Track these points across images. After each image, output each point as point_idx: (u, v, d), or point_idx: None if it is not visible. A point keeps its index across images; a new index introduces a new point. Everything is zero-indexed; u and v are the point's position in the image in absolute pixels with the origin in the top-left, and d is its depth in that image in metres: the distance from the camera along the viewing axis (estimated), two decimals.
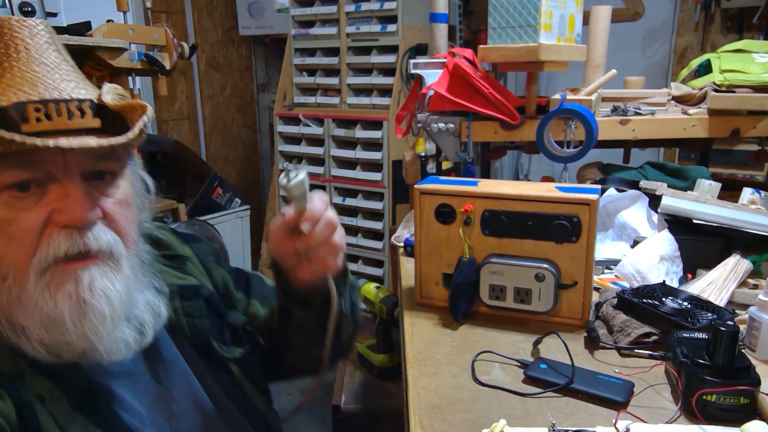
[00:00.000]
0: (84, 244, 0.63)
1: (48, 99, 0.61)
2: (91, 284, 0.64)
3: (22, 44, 0.63)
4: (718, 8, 3.08)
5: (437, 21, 1.65)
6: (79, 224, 0.63)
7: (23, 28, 0.64)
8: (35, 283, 0.62)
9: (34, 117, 0.60)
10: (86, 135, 0.63)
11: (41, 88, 0.62)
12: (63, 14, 2.05)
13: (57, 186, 0.63)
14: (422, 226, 1.06)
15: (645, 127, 1.39)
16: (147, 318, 0.72)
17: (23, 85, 0.61)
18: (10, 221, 0.61)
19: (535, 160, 3.71)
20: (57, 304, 0.62)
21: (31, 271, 0.62)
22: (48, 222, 0.62)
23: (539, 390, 0.81)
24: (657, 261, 1.11)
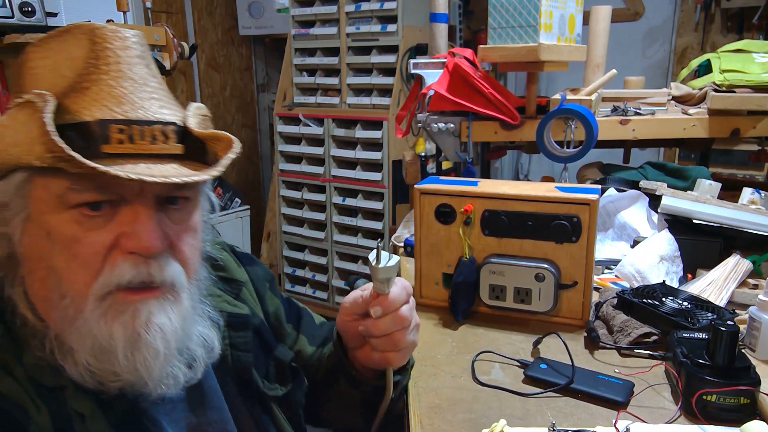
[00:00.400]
0: (148, 274, 0.61)
1: (132, 120, 0.59)
2: (149, 319, 0.61)
3: (113, 57, 0.61)
4: (718, 8, 3.09)
5: (437, 21, 1.65)
6: (146, 253, 0.60)
7: (116, 39, 0.62)
8: (93, 308, 0.60)
9: (116, 138, 0.58)
10: (167, 161, 0.61)
11: (127, 107, 0.60)
12: (63, 14, 2.05)
13: (128, 208, 0.60)
14: (422, 226, 1.06)
15: (645, 127, 1.39)
16: (199, 352, 0.69)
17: (109, 101, 0.59)
18: (77, 240, 0.59)
19: (535, 160, 3.71)
20: (112, 334, 0.60)
21: (91, 294, 0.60)
22: (114, 245, 0.60)
23: (539, 390, 0.81)
24: (657, 261, 1.11)
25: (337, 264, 3.26)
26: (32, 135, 0.56)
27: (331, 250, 3.28)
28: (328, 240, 3.28)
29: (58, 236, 0.59)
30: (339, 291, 3.31)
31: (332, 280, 3.29)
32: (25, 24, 1.86)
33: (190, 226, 0.67)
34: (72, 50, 0.62)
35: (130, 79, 0.61)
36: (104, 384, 0.62)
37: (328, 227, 3.27)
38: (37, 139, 0.55)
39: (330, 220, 3.24)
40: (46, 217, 0.59)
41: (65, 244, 0.59)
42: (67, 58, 0.62)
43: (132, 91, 0.61)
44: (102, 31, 0.61)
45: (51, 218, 0.59)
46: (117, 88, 0.60)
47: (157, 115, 0.62)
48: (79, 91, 0.59)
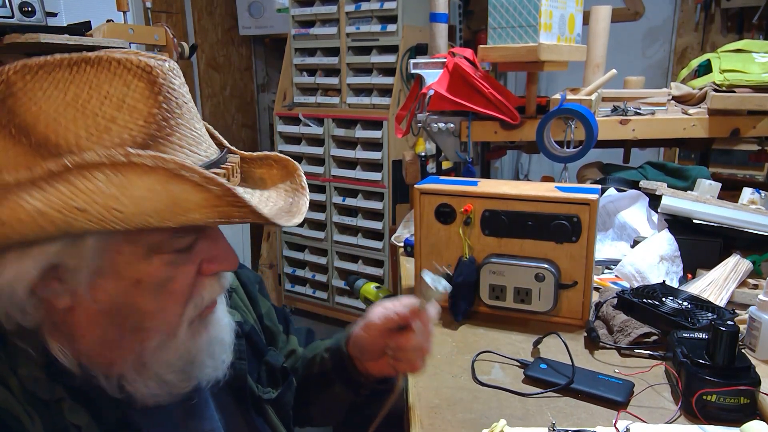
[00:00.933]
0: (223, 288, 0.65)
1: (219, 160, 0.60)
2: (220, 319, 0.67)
3: (180, 98, 0.57)
4: (718, 8, 3.08)
5: (437, 21, 1.65)
6: (232, 270, 0.64)
7: (175, 77, 0.57)
8: (186, 330, 0.62)
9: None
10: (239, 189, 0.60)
11: (204, 146, 0.59)
12: (63, 14, 2.05)
13: (203, 234, 0.62)
14: (422, 226, 1.06)
15: (645, 127, 1.39)
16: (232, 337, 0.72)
17: (191, 145, 0.57)
18: (171, 279, 0.60)
19: (535, 160, 3.71)
20: (198, 345, 0.63)
21: (184, 322, 0.62)
22: (198, 272, 0.62)
23: (539, 390, 0.81)
24: (657, 261, 1.11)
25: (337, 264, 3.26)
26: (189, 204, 0.52)
27: (331, 250, 3.28)
28: (328, 240, 3.28)
29: (151, 281, 0.58)
30: (339, 291, 3.31)
31: (332, 280, 3.29)
32: (25, 24, 1.86)
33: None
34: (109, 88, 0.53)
35: (195, 116, 0.60)
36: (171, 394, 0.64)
37: (328, 227, 3.27)
38: (199, 207, 0.52)
39: (330, 220, 3.24)
40: (133, 267, 0.57)
41: (159, 286, 0.59)
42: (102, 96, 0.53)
43: (200, 129, 0.60)
44: (160, 68, 0.56)
45: (140, 268, 0.57)
46: (193, 130, 0.58)
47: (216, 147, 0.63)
48: (162, 139, 0.54)
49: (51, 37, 1.83)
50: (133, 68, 0.54)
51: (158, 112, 0.54)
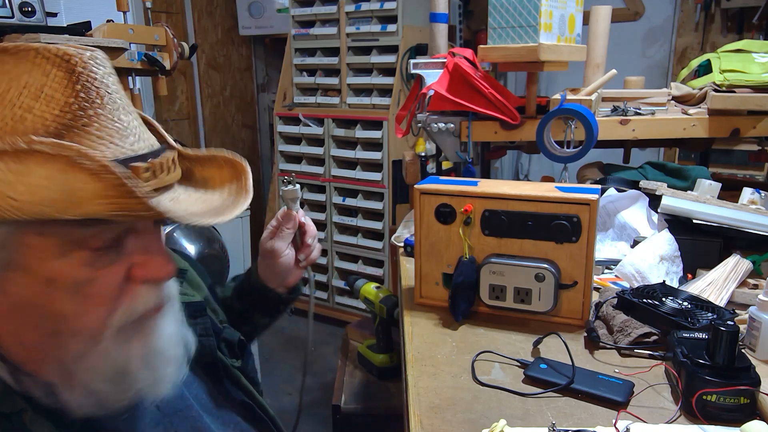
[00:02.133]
0: (161, 296, 0.61)
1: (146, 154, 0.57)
2: (161, 332, 0.62)
3: (102, 87, 0.55)
4: (718, 8, 3.08)
5: (437, 21, 1.65)
6: (165, 280, 0.61)
7: (98, 66, 0.55)
8: (111, 339, 0.58)
9: (144, 177, 0.55)
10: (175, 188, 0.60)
11: (131, 139, 0.56)
12: (63, 14, 2.05)
13: (134, 237, 0.58)
14: (422, 226, 1.06)
15: (645, 127, 1.39)
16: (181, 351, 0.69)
17: (113, 137, 0.54)
18: (91, 281, 0.56)
19: (535, 160, 3.71)
20: (130, 356, 0.60)
21: (110, 327, 0.58)
22: (128, 277, 0.58)
23: (539, 390, 0.81)
24: (657, 261, 1.11)
25: (337, 264, 3.26)
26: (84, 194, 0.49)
27: (331, 250, 3.28)
28: (328, 240, 3.28)
29: (65, 281, 0.55)
30: (339, 291, 3.31)
31: (332, 280, 3.29)
32: (25, 24, 1.86)
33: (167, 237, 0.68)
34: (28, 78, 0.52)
35: (122, 108, 0.57)
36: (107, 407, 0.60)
37: (328, 227, 3.27)
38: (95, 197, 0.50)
39: (330, 220, 3.24)
40: (46, 264, 0.54)
41: (75, 287, 0.56)
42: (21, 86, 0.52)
43: (128, 121, 0.57)
44: (79, 56, 0.54)
45: (53, 265, 0.54)
46: (116, 121, 0.55)
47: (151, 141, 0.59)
48: (78, 129, 0.53)
49: (51, 37, 1.83)
50: (52, 57, 0.53)
51: (74, 101, 0.53)
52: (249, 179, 0.64)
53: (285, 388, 2.74)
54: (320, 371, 2.89)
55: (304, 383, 1.06)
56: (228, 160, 0.65)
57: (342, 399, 1.55)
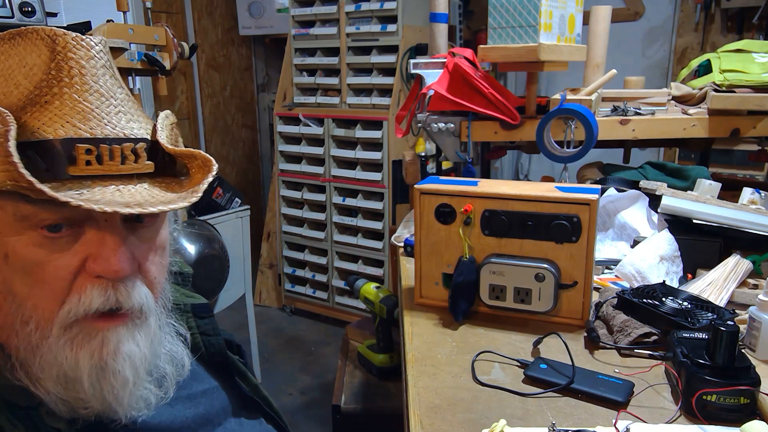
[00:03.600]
0: (116, 300, 0.58)
1: (100, 138, 0.55)
2: (117, 348, 0.59)
3: (76, 67, 0.56)
4: (718, 8, 3.08)
5: (437, 21, 1.65)
6: (114, 277, 0.57)
7: (80, 48, 0.57)
8: (58, 336, 0.57)
9: (83, 160, 0.54)
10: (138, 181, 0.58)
11: (93, 123, 0.56)
12: (63, 14, 2.05)
13: (94, 228, 0.57)
14: (422, 226, 1.06)
15: (645, 127, 1.39)
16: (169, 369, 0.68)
17: (73, 117, 0.55)
18: (42, 264, 0.55)
19: (535, 160, 3.71)
20: (78, 363, 0.57)
21: (57, 322, 0.56)
22: (81, 269, 0.57)
23: (539, 390, 0.81)
24: (657, 261, 1.11)
25: (337, 264, 3.26)
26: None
27: (331, 250, 3.28)
28: (328, 240, 3.28)
29: (19, 260, 0.55)
30: (339, 291, 3.31)
31: (332, 280, 3.29)
32: (25, 24, 1.86)
33: (158, 244, 0.64)
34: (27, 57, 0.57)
35: (96, 92, 0.57)
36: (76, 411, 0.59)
37: (328, 227, 3.27)
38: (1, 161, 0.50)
39: (330, 220, 3.24)
40: (3, 239, 0.55)
41: (27, 269, 0.55)
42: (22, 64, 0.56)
43: (98, 105, 0.57)
44: (64, 38, 0.56)
45: (8, 240, 0.55)
46: (82, 103, 0.56)
47: (125, 131, 0.58)
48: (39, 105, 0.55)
49: None
50: (45, 38, 0.57)
51: (45, 78, 0.55)
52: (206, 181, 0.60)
53: (285, 388, 2.74)
54: (320, 371, 2.89)
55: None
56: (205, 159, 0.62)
57: (342, 399, 1.55)
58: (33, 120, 0.54)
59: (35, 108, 0.55)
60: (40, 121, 0.54)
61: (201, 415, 0.75)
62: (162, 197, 0.58)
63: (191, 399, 0.75)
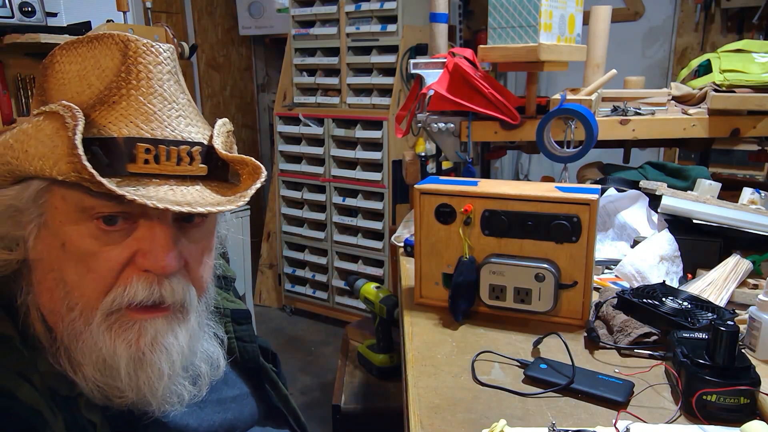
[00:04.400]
0: (160, 295, 0.61)
1: (159, 139, 0.59)
2: (155, 338, 0.61)
3: (144, 71, 0.60)
4: (718, 8, 3.08)
5: (437, 21, 1.65)
6: (161, 273, 0.60)
7: (149, 53, 0.61)
8: (99, 324, 0.59)
9: (142, 158, 0.58)
10: (191, 182, 0.61)
11: (155, 124, 0.59)
12: (63, 14, 2.05)
13: (147, 226, 0.60)
14: (422, 226, 1.06)
15: (645, 127, 1.39)
16: (204, 368, 0.70)
17: (137, 118, 0.59)
18: (94, 254, 0.59)
19: (535, 160, 3.71)
20: (115, 350, 0.60)
21: (101, 309, 0.59)
22: (130, 262, 0.60)
23: (539, 390, 0.81)
24: (657, 261, 1.11)
25: (337, 264, 3.26)
26: (59, 151, 0.55)
27: (331, 250, 3.28)
28: (328, 240, 3.28)
29: (74, 248, 0.59)
30: (339, 291, 3.31)
31: (332, 280, 3.29)
32: (25, 24, 1.86)
33: (206, 245, 0.67)
34: (102, 60, 0.61)
35: (160, 96, 0.61)
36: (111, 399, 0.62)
37: (328, 227, 3.27)
38: (63, 156, 0.55)
39: (330, 220, 3.24)
40: (63, 227, 0.59)
41: (80, 257, 0.59)
42: (96, 66, 0.60)
43: (161, 109, 0.60)
44: (136, 44, 0.60)
45: (68, 229, 0.59)
46: (146, 105, 0.60)
47: (183, 134, 0.61)
48: (107, 105, 0.59)
49: (51, 37, 1.83)
50: (119, 43, 0.61)
51: (115, 80, 0.59)
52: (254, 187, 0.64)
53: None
54: (320, 371, 2.89)
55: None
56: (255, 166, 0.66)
57: (342, 399, 1.55)
58: (100, 118, 0.58)
59: (103, 107, 0.58)
60: (107, 120, 0.58)
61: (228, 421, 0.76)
62: (212, 199, 0.61)
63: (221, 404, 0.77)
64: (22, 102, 2.01)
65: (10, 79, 1.98)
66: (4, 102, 1.96)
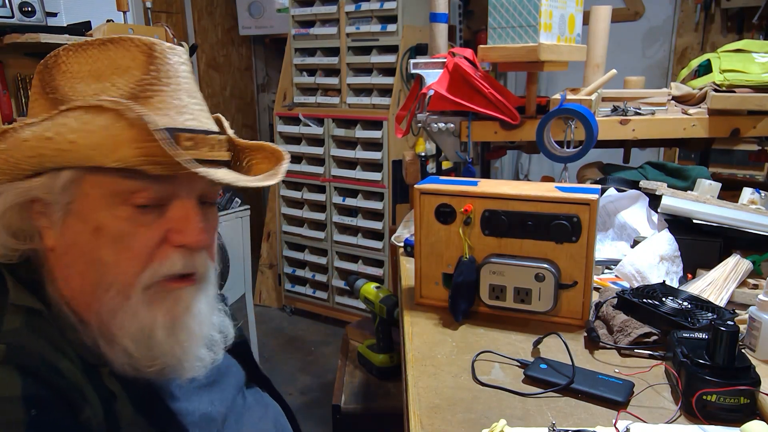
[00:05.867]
0: (193, 266, 0.67)
1: (195, 129, 0.64)
2: (188, 305, 0.67)
3: (172, 71, 0.65)
4: (718, 8, 3.08)
5: (437, 21, 1.65)
6: (196, 247, 0.66)
7: (174, 55, 0.66)
8: (139, 297, 0.64)
9: (185, 145, 0.63)
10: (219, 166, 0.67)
11: (186, 116, 0.65)
12: (63, 14, 2.05)
13: (179, 205, 0.65)
14: (422, 226, 1.06)
15: (645, 127, 1.39)
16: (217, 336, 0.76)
17: (171, 110, 0.64)
18: (130, 235, 0.63)
19: (535, 160, 3.71)
20: (155, 319, 0.65)
21: (139, 283, 0.64)
22: (163, 240, 0.65)
23: (539, 390, 0.81)
24: (657, 261, 1.11)
25: (337, 264, 3.26)
26: (119, 139, 0.58)
27: (331, 250, 3.28)
28: (328, 240, 3.28)
29: (110, 231, 0.63)
30: (339, 291, 3.31)
31: (332, 280, 3.29)
32: (25, 24, 1.86)
33: (215, 224, 0.73)
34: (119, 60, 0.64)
35: (186, 92, 0.66)
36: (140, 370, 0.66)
37: (328, 227, 3.27)
38: (127, 143, 0.58)
39: (330, 220, 3.24)
40: (95, 213, 0.63)
41: (116, 239, 0.63)
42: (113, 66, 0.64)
43: (187, 103, 0.66)
44: (161, 46, 0.66)
45: (101, 214, 0.63)
46: (177, 100, 0.65)
47: (210, 125, 0.68)
48: (142, 100, 0.63)
49: (51, 37, 1.83)
50: (141, 45, 0.65)
51: (146, 77, 0.63)
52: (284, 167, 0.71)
53: (285, 389, 2.74)
54: (320, 371, 2.89)
55: None
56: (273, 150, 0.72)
57: (342, 399, 1.55)
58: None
59: (137, 102, 0.62)
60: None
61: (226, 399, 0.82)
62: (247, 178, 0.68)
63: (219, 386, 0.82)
64: (22, 102, 2.01)
65: (10, 79, 1.98)
66: (4, 102, 1.96)
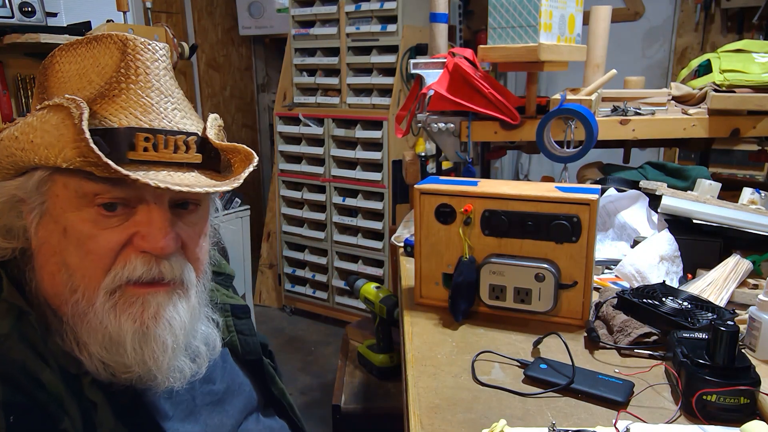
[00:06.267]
0: (159, 272, 0.64)
1: (157, 129, 0.62)
2: (157, 312, 0.64)
3: (142, 67, 0.64)
4: (718, 8, 3.08)
5: (437, 21, 1.65)
6: (159, 253, 0.64)
7: (146, 51, 0.65)
8: (103, 303, 0.62)
9: (142, 146, 0.61)
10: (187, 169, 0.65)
11: (153, 116, 0.63)
12: (63, 14, 2.05)
13: (144, 209, 0.63)
14: (422, 226, 1.06)
15: (645, 127, 1.39)
16: (202, 348, 0.73)
17: (136, 109, 0.62)
18: (93, 237, 0.62)
19: (535, 160, 3.71)
20: (120, 326, 0.63)
21: (102, 288, 0.63)
22: (128, 243, 0.63)
23: (539, 390, 0.81)
24: (657, 261, 1.11)
25: (337, 264, 3.26)
26: (65, 139, 0.58)
27: (331, 250, 3.28)
28: (328, 240, 3.28)
29: (75, 233, 0.62)
30: (339, 291, 3.31)
31: (332, 280, 3.29)
32: (25, 24, 1.86)
33: (201, 229, 0.70)
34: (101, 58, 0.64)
35: (157, 90, 0.64)
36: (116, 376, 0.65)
37: (328, 227, 3.27)
38: (69, 143, 0.58)
39: (330, 220, 3.24)
40: (64, 214, 0.62)
41: (81, 241, 0.62)
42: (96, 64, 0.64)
43: (158, 102, 0.64)
44: (134, 42, 0.64)
45: (69, 216, 0.62)
46: (144, 98, 0.63)
47: (179, 125, 0.65)
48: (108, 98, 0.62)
49: (51, 37, 1.83)
50: (118, 42, 0.64)
51: (114, 75, 0.63)
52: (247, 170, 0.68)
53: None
54: (320, 371, 2.89)
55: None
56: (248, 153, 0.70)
57: (342, 399, 1.55)
58: (101, 110, 0.61)
59: (104, 100, 0.62)
60: (108, 111, 0.61)
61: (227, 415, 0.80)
62: (207, 183, 0.66)
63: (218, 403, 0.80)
64: (22, 102, 2.01)
65: (10, 79, 1.98)
66: (4, 102, 1.96)
